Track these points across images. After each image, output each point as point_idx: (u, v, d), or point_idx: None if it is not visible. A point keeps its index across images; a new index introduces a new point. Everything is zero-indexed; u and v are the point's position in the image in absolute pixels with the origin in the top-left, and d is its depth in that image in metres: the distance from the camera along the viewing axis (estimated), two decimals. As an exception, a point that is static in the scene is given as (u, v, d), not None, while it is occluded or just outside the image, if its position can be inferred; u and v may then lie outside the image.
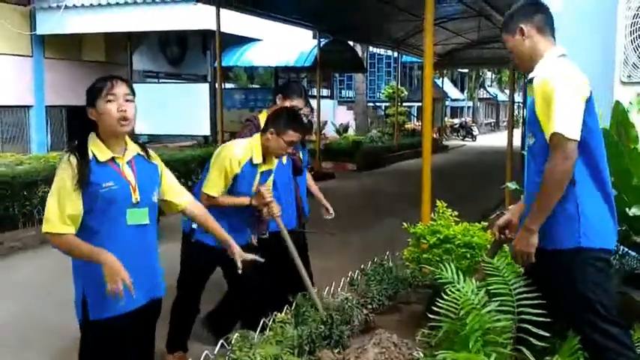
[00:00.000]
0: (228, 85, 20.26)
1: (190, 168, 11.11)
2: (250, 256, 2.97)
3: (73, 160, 2.41)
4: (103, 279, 2.42)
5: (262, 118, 4.01)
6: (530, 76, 2.48)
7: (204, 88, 14.69)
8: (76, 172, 2.38)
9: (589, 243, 2.33)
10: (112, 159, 2.49)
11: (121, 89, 2.46)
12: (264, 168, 3.66)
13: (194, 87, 16.01)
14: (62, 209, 2.38)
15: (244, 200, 3.60)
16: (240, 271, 2.91)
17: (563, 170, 2.25)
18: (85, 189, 2.39)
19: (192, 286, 3.82)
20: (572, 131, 2.24)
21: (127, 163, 2.53)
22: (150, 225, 2.60)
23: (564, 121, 2.24)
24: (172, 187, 2.78)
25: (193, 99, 14.25)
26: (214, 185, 3.56)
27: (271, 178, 3.81)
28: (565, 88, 2.28)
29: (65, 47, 15.31)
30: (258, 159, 3.59)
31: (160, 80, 18.23)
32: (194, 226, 3.53)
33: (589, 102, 2.35)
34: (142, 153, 2.63)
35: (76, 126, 2.54)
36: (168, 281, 2.77)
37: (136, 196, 2.51)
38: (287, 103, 4.07)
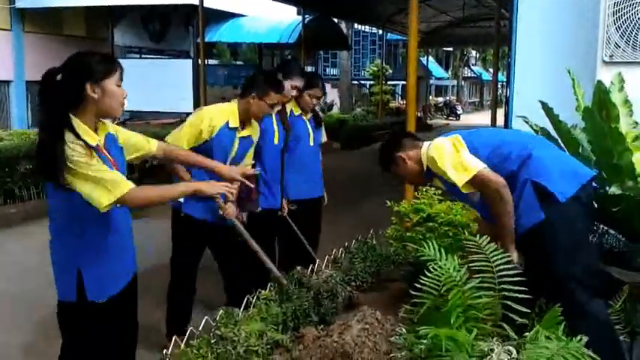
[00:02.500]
0: (212, 62, 20.05)
1: (174, 145, 11.01)
2: (240, 176, 2.98)
3: (79, 146, 2.28)
4: (103, 257, 2.43)
5: None
6: (435, 175, 2.81)
7: (187, 64, 14.54)
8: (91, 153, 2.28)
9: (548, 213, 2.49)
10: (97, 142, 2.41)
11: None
12: (243, 134, 3.61)
13: (176, 63, 15.84)
14: (103, 178, 2.26)
15: (186, 176, 3.46)
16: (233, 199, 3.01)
17: (496, 189, 2.52)
18: None
19: (186, 264, 3.73)
20: (466, 173, 2.56)
21: (104, 144, 2.46)
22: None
23: (457, 172, 2.59)
24: (134, 140, 2.70)
25: (176, 75, 14.10)
26: (179, 138, 3.46)
27: (251, 150, 3.76)
28: (438, 148, 2.69)
29: (45, 21, 15.04)
30: (234, 123, 3.54)
31: (142, 56, 17.99)
32: (181, 199, 3.50)
33: (466, 139, 2.68)
34: (112, 132, 2.55)
35: (55, 105, 2.33)
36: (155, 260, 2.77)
37: None
38: (287, 84, 4.00)
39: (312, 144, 4.39)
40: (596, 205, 2.78)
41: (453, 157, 2.61)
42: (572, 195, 2.49)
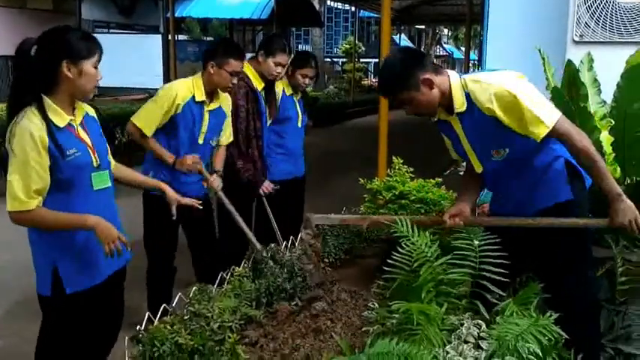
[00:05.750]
0: (181, 37, 19.71)
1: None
2: (187, 201, 2.92)
3: (35, 126, 2.18)
4: (80, 248, 2.36)
5: (247, 71, 3.87)
6: (458, 110, 2.45)
7: (157, 39, 14.29)
8: (45, 140, 2.19)
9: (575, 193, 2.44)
10: (69, 123, 2.33)
11: None
12: (211, 107, 3.53)
13: (146, 38, 15.57)
14: (28, 185, 2.19)
15: (167, 157, 3.44)
16: (174, 218, 2.88)
17: (587, 141, 2.31)
18: (54, 158, 2.22)
19: (160, 244, 3.66)
20: (552, 114, 2.31)
21: (80, 125, 2.38)
22: (111, 187, 2.52)
23: (547, 112, 2.31)
24: None
25: (145, 51, 13.88)
26: (147, 118, 3.38)
27: (226, 124, 3.68)
28: (521, 88, 2.32)
29: (8, -7, 14.59)
30: (200, 97, 3.45)
31: (111, 31, 17.59)
32: (149, 176, 3.46)
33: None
34: (91, 113, 2.48)
35: (27, 82, 2.24)
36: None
37: (96, 159, 2.40)
38: (270, 61, 3.86)
39: (299, 125, 4.33)
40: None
41: (536, 95, 2.31)
42: (590, 184, 2.51)
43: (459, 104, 2.43)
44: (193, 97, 3.44)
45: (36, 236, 2.37)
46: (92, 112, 2.50)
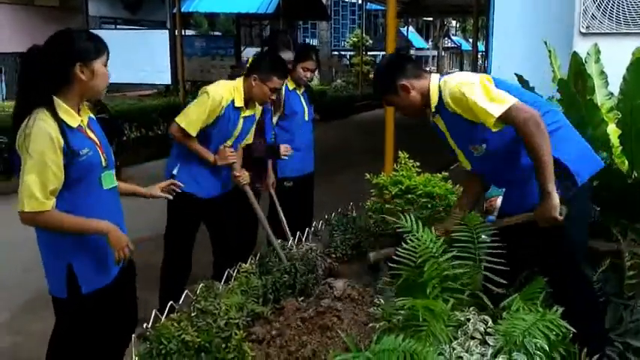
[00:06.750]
0: (189, 32, 19.71)
1: (151, 118, 10.82)
2: (159, 195, 2.89)
3: (50, 127, 2.19)
4: (92, 247, 2.37)
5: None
6: (434, 109, 2.57)
7: (164, 35, 14.25)
8: (60, 140, 2.20)
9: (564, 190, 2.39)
10: (79, 124, 2.33)
11: None
12: (247, 113, 3.58)
13: (153, 34, 15.49)
14: (45, 184, 2.18)
15: (208, 155, 3.51)
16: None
17: (534, 121, 2.29)
18: (66, 159, 2.23)
19: (180, 240, 3.67)
20: (502, 104, 2.33)
21: (87, 125, 2.39)
22: (116, 185, 2.53)
23: (495, 103, 2.35)
24: None
25: (153, 46, 13.83)
26: (191, 120, 3.39)
27: (253, 128, 3.73)
28: (471, 85, 2.41)
29: (16, -9, 14.61)
30: (239, 102, 3.49)
31: (118, 27, 17.62)
32: (174, 172, 3.48)
33: (496, 80, 2.49)
34: (91, 114, 2.49)
35: (37, 84, 2.24)
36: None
37: (104, 159, 2.41)
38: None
39: (306, 119, 4.34)
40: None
41: (485, 90, 2.39)
42: (587, 179, 2.47)
43: (433, 103, 2.57)
44: (233, 101, 3.48)
45: (47, 237, 2.36)
46: (91, 114, 2.50)
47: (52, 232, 2.33)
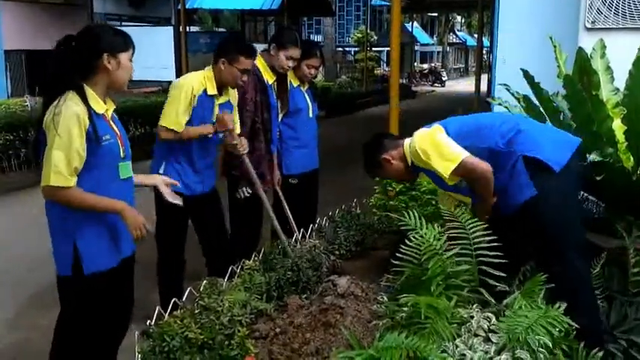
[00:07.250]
0: (193, 29, 19.71)
1: (155, 115, 10.80)
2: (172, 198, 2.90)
3: (80, 109, 2.33)
4: (100, 229, 2.46)
5: (258, 63, 3.87)
6: (412, 168, 2.82)
7: (168, 31, 14.24)
8: (87, 122, 2.33)
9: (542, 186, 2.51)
10: (103, 113, 2.47)
11: None
12: (221, 100, 3.57)
13: (158, 30, 15.49)
14: (70, 162, 2.31)
15: (208, 128, 3.48)
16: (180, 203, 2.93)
17: (479, 173, 2.54)
18: (90, 142, 2.35)
19: (171, 238, 3.69)
20: (451, 164, 2.54)
21: (110, 117, 2.52)
22: (132, 177, 2.63)
23: (445, 162, 2.57)
24: None
25: (157, 43, 13.81)
26: (172, 118, 3.41)
27: (234, 117, 3.71)
28: (422, 143, 2.67)
29: (21, -12, 14.64)
30: (212, 90, 3.49)
31: (122, 23, 17.63)
32: (160, 171, 3.48)
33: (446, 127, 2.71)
34: (113, 112, 2.59)
35: (68, 71, 2.39)
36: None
37: (123, 150, 2.53)
38: (282, 54, 3.86)
39: (311, 115, 4.31)
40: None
41: (436, 147, 2.61)
42: (566, 163, 2.51)
43: (409, 163, 2.83)
44: (205, 90, 3.47)
45: (57, 215, 2.45)
46: (114, 106, 2.61)
47: (61, 212, 2.43)
